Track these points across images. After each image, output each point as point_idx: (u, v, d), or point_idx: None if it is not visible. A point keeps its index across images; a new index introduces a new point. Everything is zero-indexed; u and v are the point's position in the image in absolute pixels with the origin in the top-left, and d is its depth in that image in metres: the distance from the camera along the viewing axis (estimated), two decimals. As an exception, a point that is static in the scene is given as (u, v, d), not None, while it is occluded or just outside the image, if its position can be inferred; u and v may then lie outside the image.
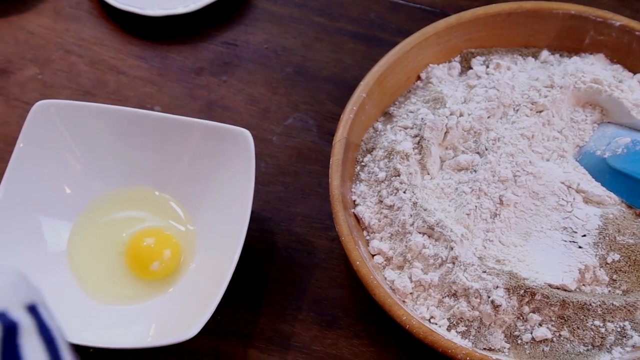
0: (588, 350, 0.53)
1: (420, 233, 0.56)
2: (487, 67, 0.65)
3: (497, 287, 0.53)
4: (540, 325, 0.53)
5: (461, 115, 0.61)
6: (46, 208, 0.61)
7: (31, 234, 0.60)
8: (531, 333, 0.53)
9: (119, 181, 0.63)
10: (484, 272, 0.53)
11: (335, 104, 0.71)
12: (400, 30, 0.75)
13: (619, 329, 0.53)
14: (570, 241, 0.56)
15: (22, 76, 0.74)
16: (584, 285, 0.55)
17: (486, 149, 0.59)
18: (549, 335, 0.53)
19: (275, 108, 0.71)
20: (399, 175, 0.58)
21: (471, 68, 0.66)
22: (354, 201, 0.60)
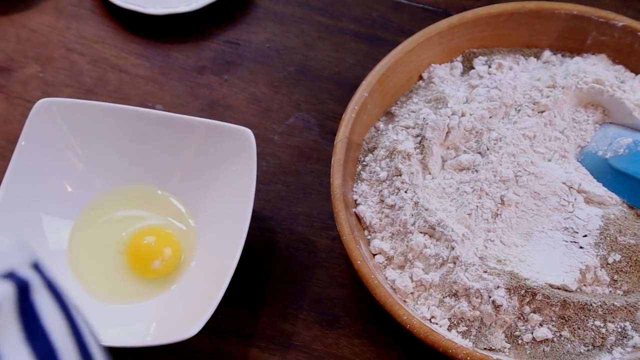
0: (589, 350, 0.53)
1: (421, 233, 0.56)
2: (489, 67, 0.65)
3: (498, 287, 0.53)
4: (541, 325, 0.53)
5: (463, 115, 0.61)
6: (47, 206, 0.61)
7: (32, 232, 0.60)
8: (532, 333, 0.53)
9: (121, 179, 0.63)
10: (485, 272, 0.53)
11: (337, 103, 0.71)
12: (402, 29, 0.75)
13: (620, 330, 0.53)
14: (571, 241, 0.56)
15: (24, 74, 0.74)
16: (585, 285, 0.55)
17: (488, 149, 0.59)
18: (550, 335, 0.53)
19: (277, 107, 0.71)
20: (401, 174, 0.58)
21: (473, 68, 0.66)
22: (355, 200, 0.60)
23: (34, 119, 0.61)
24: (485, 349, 0.53)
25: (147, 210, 0.63)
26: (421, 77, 0.66)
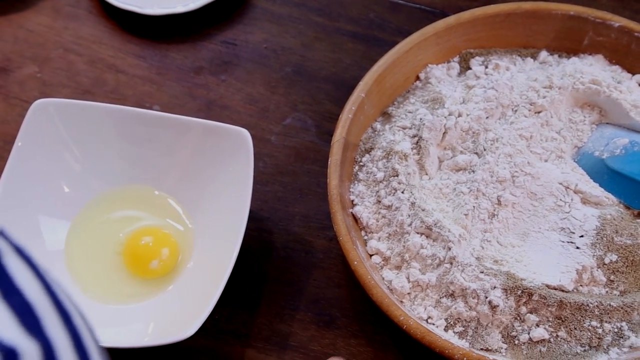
0: (585, 350, 0.53)
1: (418, 233, 0.56)
2: (486, 68, 0.65)
3: (495, 288, 0.53)
4: (537, 325, 0.53)
5: (460, 115, 0.61)
6: (44, 207, 0.61)
7: (29, 233, 0.60)
8: (528, 333, 0.53)
9: (118, 180, 0.63)
10: (482, 273, 0.53)
11: (334, 104, 0.71)
12: (399, 30, 0.75)
13: (616, 330, 0.53)
14: (568, 242, 0.56)
15: (21, 74, 0.74)
16: (582, 285, 0.55)
17: (484, 150, 0.59)
18: (546, 335, 0.53)
19: (274, 108, 0.71)
20: (397, 175, 0.58)
21: (470, 68, 0.66)
22: (352, 201, 0.60)
23: (31, 120, 0.61)
24: (481, 350, 0.53)
25: (144, 210, 0.63)
26: (418, 78, 0.66)
